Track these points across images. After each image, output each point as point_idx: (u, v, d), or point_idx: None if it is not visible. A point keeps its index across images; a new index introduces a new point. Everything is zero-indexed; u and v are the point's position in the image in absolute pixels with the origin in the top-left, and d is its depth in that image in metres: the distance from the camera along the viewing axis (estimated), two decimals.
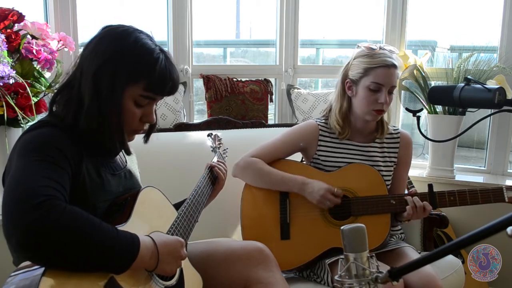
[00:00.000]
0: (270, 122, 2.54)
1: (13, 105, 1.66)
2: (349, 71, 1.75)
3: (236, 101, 2.43)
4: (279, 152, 1.80)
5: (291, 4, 2.55)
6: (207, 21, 2.65)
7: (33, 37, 1.86)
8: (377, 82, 1.67)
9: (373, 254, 0.82)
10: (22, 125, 1.73)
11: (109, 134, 1.13)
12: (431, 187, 1.68)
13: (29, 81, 1.75)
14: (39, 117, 1.71)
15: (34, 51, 1.78)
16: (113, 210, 1.16)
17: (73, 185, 1.06)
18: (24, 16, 1.83)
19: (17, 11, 1.81)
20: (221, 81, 2.44)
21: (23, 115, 1.69)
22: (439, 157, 2.45)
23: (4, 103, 1.66)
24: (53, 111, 1.18)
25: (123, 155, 1.31)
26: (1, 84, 1.64)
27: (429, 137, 2.45)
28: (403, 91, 2.53)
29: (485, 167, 2.60)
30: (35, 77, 1.81)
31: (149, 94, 1.15)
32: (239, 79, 2.49)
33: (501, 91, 1.17)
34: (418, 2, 2.64)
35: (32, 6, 2.20)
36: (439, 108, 2.42)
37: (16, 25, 1.83)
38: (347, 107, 1.77)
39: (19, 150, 1.06)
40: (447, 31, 2.79)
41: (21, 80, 1.71)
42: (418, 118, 1.45)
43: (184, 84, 2.38)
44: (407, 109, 1.52)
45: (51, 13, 2.19)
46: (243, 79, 2.50)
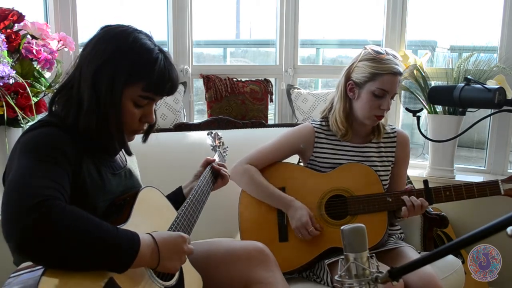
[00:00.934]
0: (270, 122, 2.54)
1: (13, 105, 1.66)
2: (353, 73, 1.73)
3: (236, 101, 2.43)
4: (275, 156, 1.81)
5: (291, 4, 2.55)
6: (207, 21, 2.65)
7: (33, 37, 1.86)
8: (383, 88, 1.67)
9: (373, 254, 0.82)
10: (22, 125, 1.73)
11: (109, 134, 1.14)
12: (426, 183, 1.68)
13: (29, 81, 1.75)
14: (39, 117, 1.71)
15: (34, 51, 1.78)
16: (112, 210, 1.16)
17: (73, 185, 1.06)
18: (24, 16, 1.83)
19: (17, 11, 1.81)
20: (221, 81, 2.44)
21: (23, 115, 1.69)
22: (439, 157, 2.45)
23: (4, 103, 1.66)
24: (52, 111, 1.18)
25: (123, 154, 1.31)
26: (1, 84, 1.64)
27: (429, 137, 2.45)
28: (403, 91, 2.53)
29: (485, 167, 2.60)
30: (35, 77, 1.81)
31: (148, 94, 1.15)
32: (239, 79, 2.49)
33: (501, 91, 1.17)
34: (418, 2, 2.63)
35: (32, 6, 2.21)
36: (439, 108, 2.42)
37: (16, 25, 1.83)
38: (348, 108, 1.77)
39: (19, 150, 1.06)
40: (447, 31, 2.78)
41: (21, 80, 1.70)
42: (418, 118, 1.45)
43: (184, 84, 2.38)
44: (407, 109, 1.51)
45: (51, 13, 2.19)
46: (243, 79, 2.50)
